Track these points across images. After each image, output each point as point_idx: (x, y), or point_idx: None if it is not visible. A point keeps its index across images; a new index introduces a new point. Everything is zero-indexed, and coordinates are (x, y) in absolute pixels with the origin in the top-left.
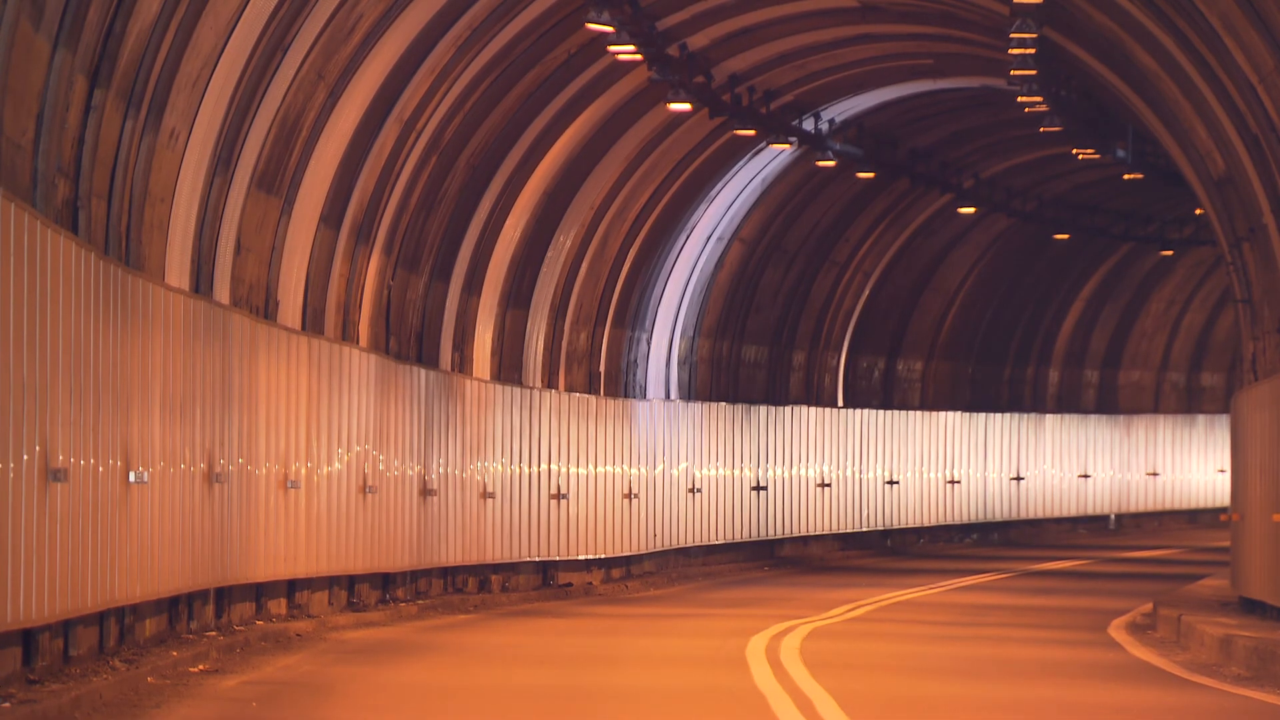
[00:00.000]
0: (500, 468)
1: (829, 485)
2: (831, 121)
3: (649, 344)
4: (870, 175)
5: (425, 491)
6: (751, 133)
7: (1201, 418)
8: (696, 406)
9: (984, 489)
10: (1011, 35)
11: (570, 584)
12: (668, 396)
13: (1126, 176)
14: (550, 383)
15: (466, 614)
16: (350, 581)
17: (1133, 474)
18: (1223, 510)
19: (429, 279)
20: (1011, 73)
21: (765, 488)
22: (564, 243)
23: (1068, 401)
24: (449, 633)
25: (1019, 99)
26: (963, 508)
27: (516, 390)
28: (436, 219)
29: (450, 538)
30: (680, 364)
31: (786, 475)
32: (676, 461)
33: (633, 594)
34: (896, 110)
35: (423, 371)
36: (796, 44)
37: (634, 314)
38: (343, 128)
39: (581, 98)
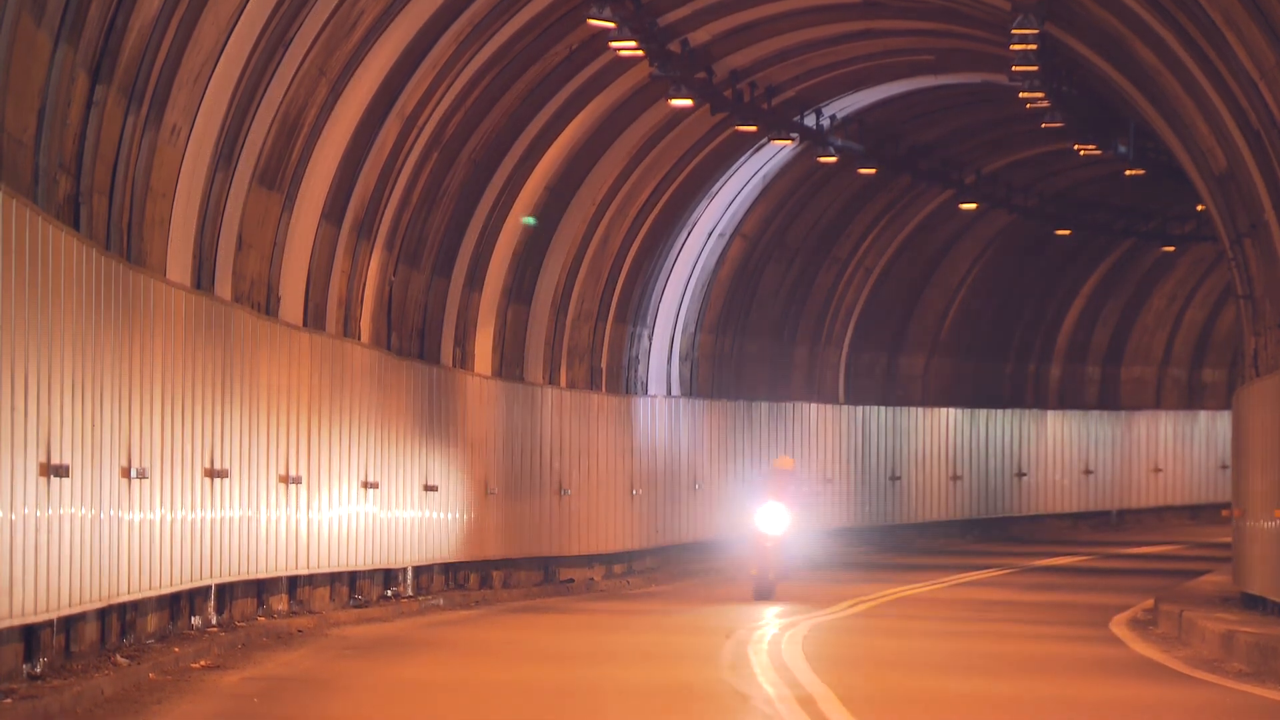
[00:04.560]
0: (502, 464)
1: (831, 481)
2: (833, 117)
3: (650, 340)
4: (871, 171)
5: (426, 487)
6: (753, 129)
7: (1203, 414)
8: (698, 403)
9: (986, 485)
10: (1013, 31)
11: (572, 580)
12: (669, 393)
13: (1128, 172)
14: (551, 379)
15: (468, 610)
16: (352, 578)
17: (1135, 470)
18: (1224, 506)
19: (430, 275)
20: (1013, 68)
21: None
22: (565, 239)
23: (1069, 397)
24: (451, 629)
25: (1020, 95)
26: (965, 503)
27: (518, 386)
28: (438, 215)
29: (451, 534)
30: (682, 360)
31: None
32: (678, 458)
33: (634, 590)
34: (898, 106)
35: (424, 367)
36: (797, 40)
37: (635, 310)
38: (344, 124)
39: (583, 94)
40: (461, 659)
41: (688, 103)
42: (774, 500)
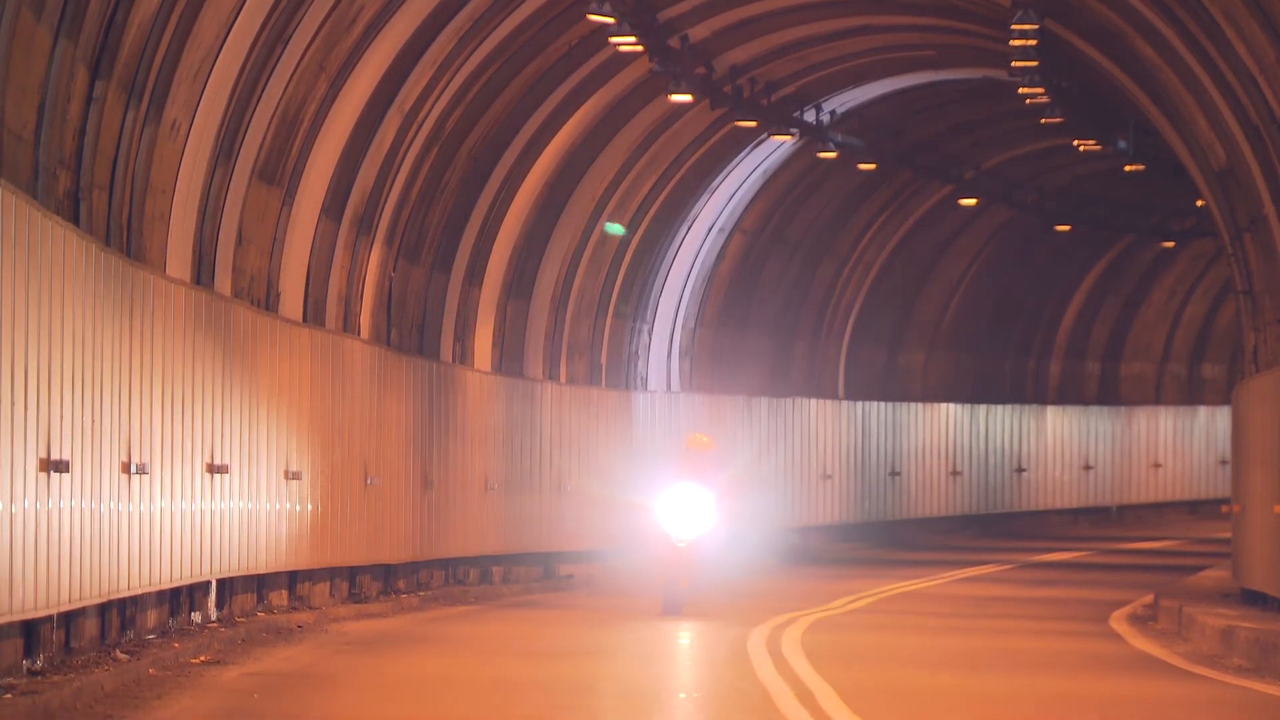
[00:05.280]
0: (501, 459)
1: (831, 477)
2: (833, 113)
3: (650, 335)
4: (871, 167)
5: (426, 483)
6: (753, 124)
7: (1203, 409)
8: (698, 398)
9: (986, 480)
10: (1013, 27)
11: (572, 575)
12: (669, 388)
13: (1128, 168)
14: (551, 374)
15: (468, 605)
16: (352, 573)
17: (1134, 465)
18: (1224, 502)
19: (430, 270)
20: (1013, 64)
21: (766, 479)
22: (565, 234)
23: (1069, 393)
24: (450, 624)
25: (1020, 90)
26: (964, 499)
27: (518, 382)
28: (438, 210)
29: (451, 529)
30: (682, 355)
31: (788, 467)
32: None
33: (636, 585)
34: (898, 102)
35: (424, 363)
36: (797, 35)
37: (636, 305)
38: (344, 119)
39: (583, 89)
40: (461, 655)
41: (687, 98)
42: (690, 482)
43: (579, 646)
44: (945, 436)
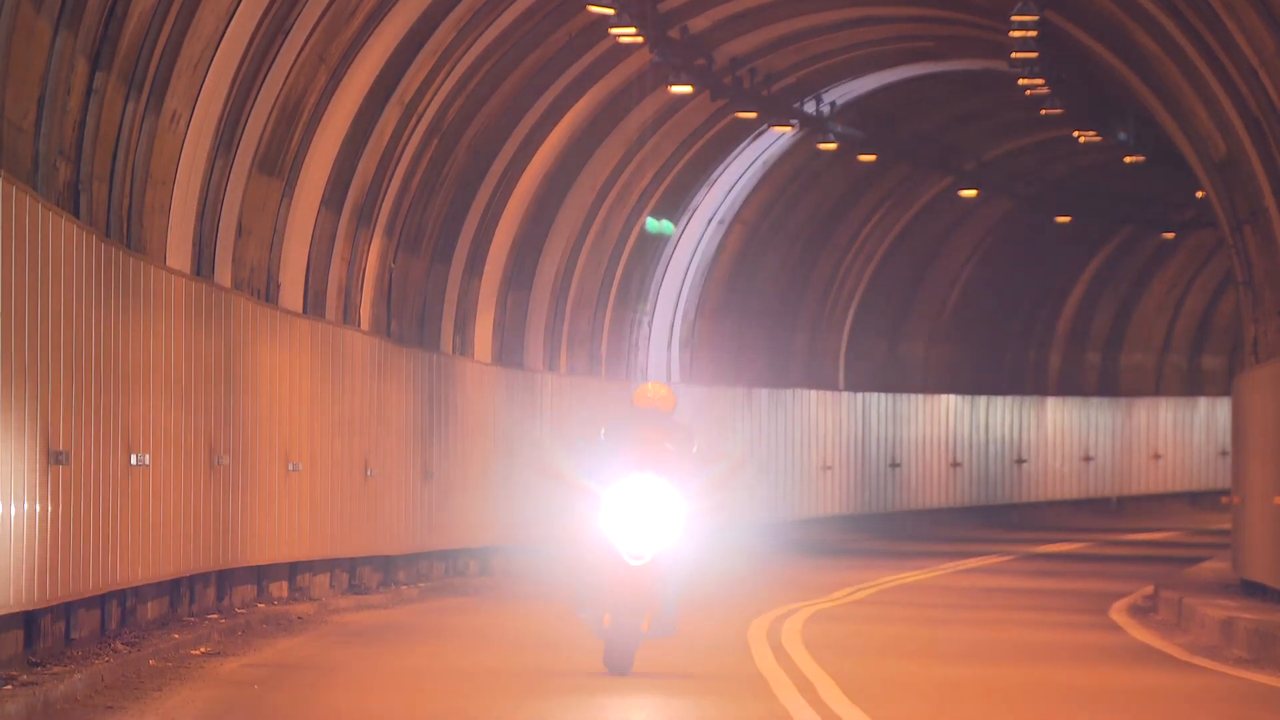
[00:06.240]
0: (502, 450)
1: (831, 468)
2: (833, 104)
3: (650, 326)
4: (872, 158)
5: (426, 474)
6: (753, 115)
7: (1203, 400)
8: (698, 389)
9: (986, 472)
10: (1013, 18)
11: (572, 567)
12: (669, 379)
13: (1128, 159)
14: (551, 365)
15: (467, 597)
16: (351, 565)
17: (1134, 456)
18: (1224, 493)
19: (430, 262)
20: (1013, 55)
21: (765, 470)
22: (565, 226)
23: (1069, 384)
24: (450, 616)
25: (1020, 82)
26: (965, 490)
27: (517, 373)
28: (438, 202)
29: (451, 521)
30: (682, 346)
31: (788, 458)
32: None
33: None
34: (898, 93)
35: (424, 354)
36: (797, 26)
37: (635, 296)
38: (344, 110)
39: (583, 80)
40: (461, 647)
41: (687, 89)
42: (648, 473)
43: (577, 639)
44: (945, 428)
